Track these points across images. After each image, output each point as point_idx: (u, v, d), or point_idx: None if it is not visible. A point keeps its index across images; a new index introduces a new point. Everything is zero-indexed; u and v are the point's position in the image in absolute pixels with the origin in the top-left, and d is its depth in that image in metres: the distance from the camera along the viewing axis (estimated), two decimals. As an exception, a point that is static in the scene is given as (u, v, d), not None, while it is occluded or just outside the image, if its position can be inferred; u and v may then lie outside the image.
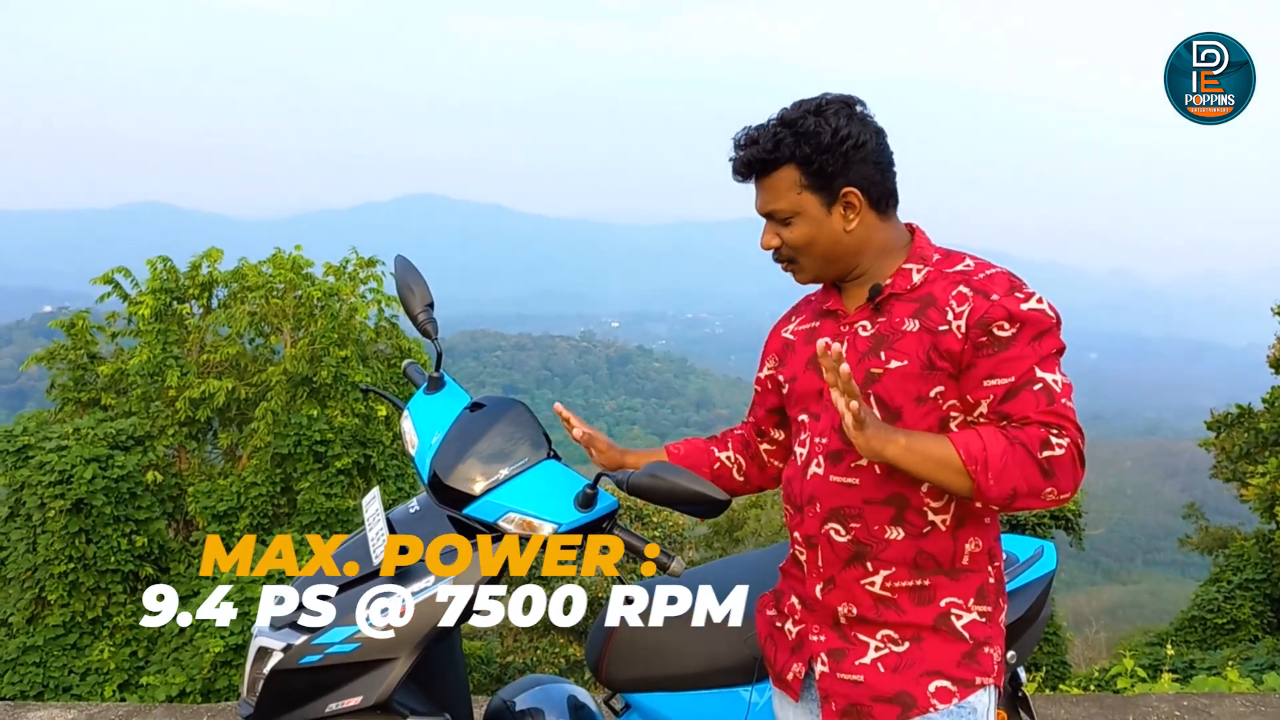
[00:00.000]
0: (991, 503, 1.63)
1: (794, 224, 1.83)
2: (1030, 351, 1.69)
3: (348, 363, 12.53)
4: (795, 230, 1.84)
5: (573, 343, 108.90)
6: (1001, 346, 1.69)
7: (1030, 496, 1.63)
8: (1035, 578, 2.40)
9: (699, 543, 19.75)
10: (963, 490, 1.63)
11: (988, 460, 1.59)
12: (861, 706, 1.81)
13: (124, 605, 11.25)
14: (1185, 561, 33.71)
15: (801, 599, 1.92)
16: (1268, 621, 14.99)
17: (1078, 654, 17.44)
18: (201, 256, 13.55)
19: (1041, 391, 1.67)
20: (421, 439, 2.14)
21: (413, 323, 2.24)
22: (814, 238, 1.83)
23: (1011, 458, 1.60)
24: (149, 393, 12.72)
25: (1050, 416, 1.66)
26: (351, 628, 1.91)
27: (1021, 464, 1.61)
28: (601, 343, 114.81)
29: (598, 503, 2.01)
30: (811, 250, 1.85)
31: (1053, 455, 1.63)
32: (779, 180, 1.83)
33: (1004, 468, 1.59)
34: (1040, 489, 1.62)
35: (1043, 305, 1.72)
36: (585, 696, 2.40)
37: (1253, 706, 4.39)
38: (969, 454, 1.60)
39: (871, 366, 1.80)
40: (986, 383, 1.70)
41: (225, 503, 11.93)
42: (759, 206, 1.88)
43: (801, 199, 1.82)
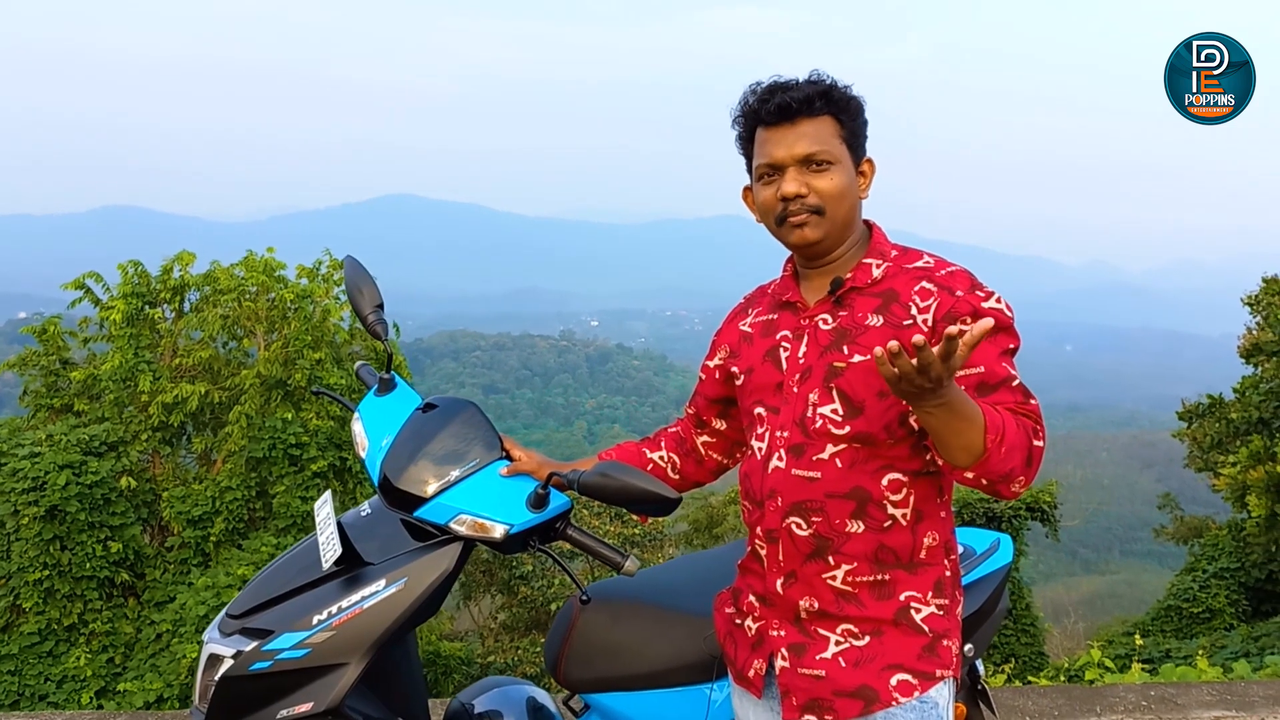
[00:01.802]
0: (986, 475, 1.62)
1: (831, 172, 1.81)
2: (991, 345, 1.72)
3: (322, 365, 12.46)
4: (832, 179, 1.81)
5: (552, 342, 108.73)
6: None
7: (1008, 480, 1.64)
8: (991, 570, 2.41)
9: (679, 540, 19.76)
10: (970, 455, 1.60)
11: (1005, 433, 1.59)
12: (823, 701, 1.82)
13: (100, 612, 11.16)
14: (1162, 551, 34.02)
15: (761, 595, 1.92)
16: (1242, 610, 15.14)
17: (1055, 644, 17.55)
18: (173, 260, 13.43)
19: (1018, 389, 1.71)
20: (371, 441, 2.13)
21: (362, 324, 2.23)
22: (846, 189, 1.82)
23: (1017, 439, 1.62)
24: (122, 398, 12.61)
25: (1028, 413, 1.69)
26: (302, 633, 1.90)
27: (1022, 447, 1.63)
28: (581, 341, 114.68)
29: (550, 503, 2.01)
30: (841, 203, 1.82)
31: (1037, 447, 1.67)
32: (821, 125, 1.81)
33: (1013, 445, 1.61)
34: (1019, 475, 1.64)
35: (1001, 304, 1.76)
36: (545, 698, 2.40)
37: (1219, 695, 4.42)
38: (992, 421, 1.58)
39: (834, 360, 1.80)
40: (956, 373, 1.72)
41: (200, 507, 11.83)
42: (790, 151, 1.81)
43: (841, 149, 1.82)
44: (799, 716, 1.84)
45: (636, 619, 2.22)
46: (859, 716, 1.80)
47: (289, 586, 1.99)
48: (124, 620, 11.32)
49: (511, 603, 16.52)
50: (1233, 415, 14.15)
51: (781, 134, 1.82)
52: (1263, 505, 11.98)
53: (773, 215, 1.86)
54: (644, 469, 2.15)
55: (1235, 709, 4.25)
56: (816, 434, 1.80)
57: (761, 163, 1.86)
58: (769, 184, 1.85)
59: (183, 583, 11.46)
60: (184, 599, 10.90)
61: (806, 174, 1.81)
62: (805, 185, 1.80)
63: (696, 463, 2.22)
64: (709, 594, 2.14)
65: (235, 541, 11.93)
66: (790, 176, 1.81)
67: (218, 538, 11.78)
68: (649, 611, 2.23)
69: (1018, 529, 15.20)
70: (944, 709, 1.83)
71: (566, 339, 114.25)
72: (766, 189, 1.86)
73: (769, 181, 1.85)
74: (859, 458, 1.78)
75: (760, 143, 1.86)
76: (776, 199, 1.84)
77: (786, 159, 1.81)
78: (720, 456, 2.21)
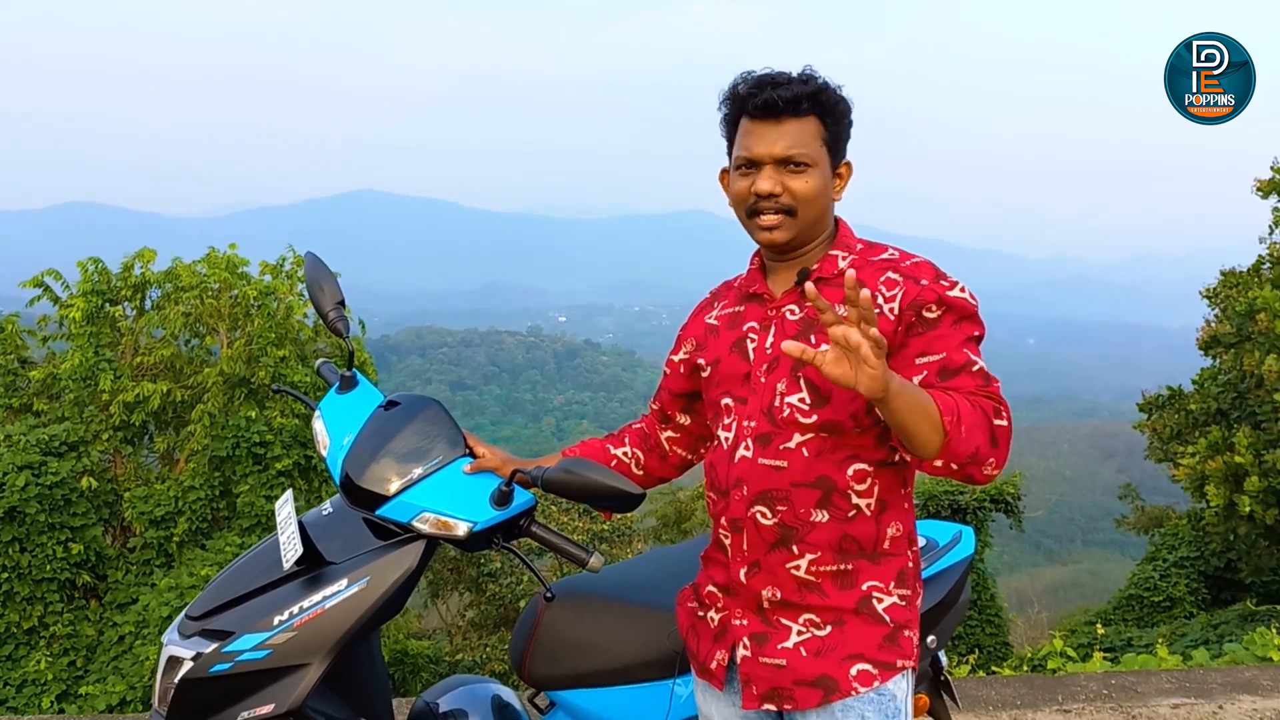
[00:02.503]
0: (953, 459, 1.64)
1: (807, 175, 1.82)
2: (955, 332, 1.75)
3: (286, 363, 12.33)
4: (809, 181, 1.82)
5: (520, 338, 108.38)
6: (930, 326, 1.75)
7: (978, 463, 1.66)
8: (954, 562, 2.43)
9: (648, 534, 19.76)
10: (932, 443, 1.62)
11: (960, 415, 1.62)
12: (783, 690, 1.83)
13: (61, 614, 11.00)
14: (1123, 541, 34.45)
15: (724, 584, 1.92)
16: (1202, 598, 15.35)
17: (1020, 634, 17.74)
18: (134, 257, 13.23)
19: (979, 373, 1.73)
20: (333, 439, 2.11)
21: (323, 321, 2.21)
22: (820, 193, 1.84)
23: (975, 419, 1.64)
24: (82, 397, 12.43)
25: (989, 395, 1.72)
26: (263, 634, 1.88)
27: (981, 426, 1.65)
28: (549, 337, 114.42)
29: (514, 500, 2.00)
30: (815, 205, 1.83)
31: (1000, 425, 1.68)
32: (805, 127, 1.82)
33: (971, 425, 1.63)
34: (986, 456, 1.66)
35: (965, 293, 1.78)
36: (510, 695, 2.39)
37: (1178, 683, 4.49)
38: (945, 406, 1.61)
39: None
40: (919, 360, 1.74)
41: (163, 507, 11.67)
42: (770, 148, 1.82)
43: (820, 152, 1.84)
44: (758, 705, 1.85)
45: (601, 615, 2.22)
46: (818, 706, 1.81)
47: (250, 587, 1.97)
48: (85, 622, 11.16)
49: (480, 600, 16.46)
50: (1192, 406, 14.34)
51: (764, 130, 1.83)
52: (1221, 495, 12.15)
53: (744, 207, 1.88)
54: (608, 465, 2.15)
55: (1194, 696, 4.32)
56: (784, 423, 1.81)
57: (740, 155, 1.87)
58: (745, 176, 1.87)
59: (145, 584, 11.31)
60: (147, 600, 10.77)
61: (783, 174, 1.82)
62: (780, 185, 1.82)
63: (661, 458, 2.22)
64: (674, 589, 2.14)
65: (199, 542, 11.79)
66: (766, 174, 1.83)
67: (181, 538, 11.64)
68: (614, 607, 2.23)
69: (982, 520, 15.33)
70: (903, 700, 1.84)
71: (534, 335, 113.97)
72: (742, 181, 1.87)
73: (745, 174, 1.87)
74: (826, 447, 1.80)
75: (743, 133, 1.87)
76: (750, 193, 1.85)
77: (765, 156, 1.82)
78: (685, 452, 2.21)
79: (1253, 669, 4.78)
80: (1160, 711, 4.14)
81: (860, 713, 1.80)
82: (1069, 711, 4.15)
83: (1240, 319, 12.93)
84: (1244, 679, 4.56)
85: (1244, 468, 11.90)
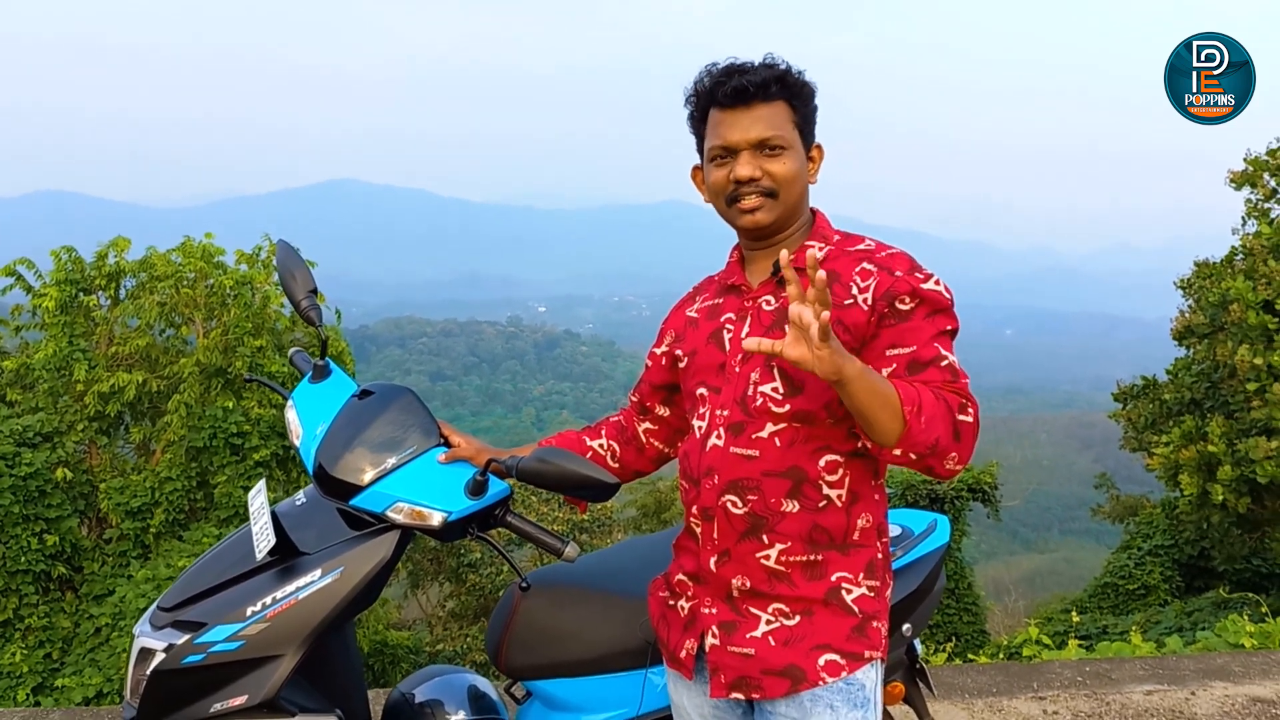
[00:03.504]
0: (913, 449, 1.64)
1: (784, 157, 1.83)
2: (928, 325, 1.75)
3: (263, 352, 12.23)
4: (785, 163, 1.83)
5: (500, 328, 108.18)
6: (902, 319, 1.74)
7: (939, 455, 1.66)
8: (929, 550, 2.44)
9: (628, 525, 19.81)
10: (891, 431, 1.63)
11: (921, 405, 1.62)
12: (751, 679, 1.83)
13: (36, 606, 10.92)
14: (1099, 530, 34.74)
15: (693, 573, 1.92)
16: (1176, 586, 15.53)
17: (997, 622, 17.88)
18: (108, 246, 13.09)
19: (947, 368, 1.72)
20: (306, 429, 2.10)
21: (296, 309, 2.20)
22: (798, 174, 1.85)
23: (938, 410, 1.64)
24: (56, 387, 12.31)
25: (956, 390, 1.72)
26: (235, 625, 1.87)
27: (944, 419, 1.65)
28: (529, 327, 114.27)
29: (489, 490, 1.99)
30: (793, 187, 1.85)
31: (964, 421, 1.69)
32: (776, 111, 1.84)
33: (933, 417, 1.63)
34: (948, 450, 1.66)
35: (939, 286, 1.78)
36: (486, 685, 2.39)
37: (1151, 670, 4.54)
38: (906, 395, 1.62)
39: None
40: (889, 352, 1.74)
41: (139, 499, 11.59)
42: (745, 135, 1.83)
43: (794, 134, 1.85)
44: (726, 694, 1.85)
45: (577, 605, 2.22)
46: (786, 695, 1.81)
47: (222, 578, 1.96)
48: (61, 615, 11.08)
49: (460, 590, 16.46)
50: (1166, 396, 14.44)
51: (736, 117, 1.84)
52: (1194, 484, 12.25)
53: (723, 196, 1.88)
54: (584, 454, 2.16)
55: (1167, 683, 4.36)
56: (757, 412, 1.81)
57: (715, 144, 1.87)
58: (721, 165, 1.87)
59: (122, 575, 11.23)
60: (123, 592, 10.69)
61: (760, 158, 1.83)
62: (759, 169, 1.83)
63: (637, 450, 2.22)
64: (650, 578, 2.14)
65: (176, 533, 11.71)
66: (744, 160, 1.83)
67: (157, 529, 11.56)
68: (589, 597, 2.23)
69: (960, 510, 15.45)
70: (871, 690, 1.84)
71: (514, 325, 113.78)
72: (719, 170, 1.87)
73: (722, 163, 1.87)
74: (798, 437, 1.79)
75: (714, 124, 1.88)
76: (729, 181, 1.86)
77: (741, 142, 1.83)
78: (661, 444, 2.21)
79: (1224, 655, 4.83)
80: (1134, 698, 4.18)
81: (829, 702, 1.80)
82: (1044, 698, 4.18)
83: (1213, 309, 13.03)
84: (1216, 665, 4.61)
85: (1217, 457, 12.01)
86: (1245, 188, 13.87)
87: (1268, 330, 11.82)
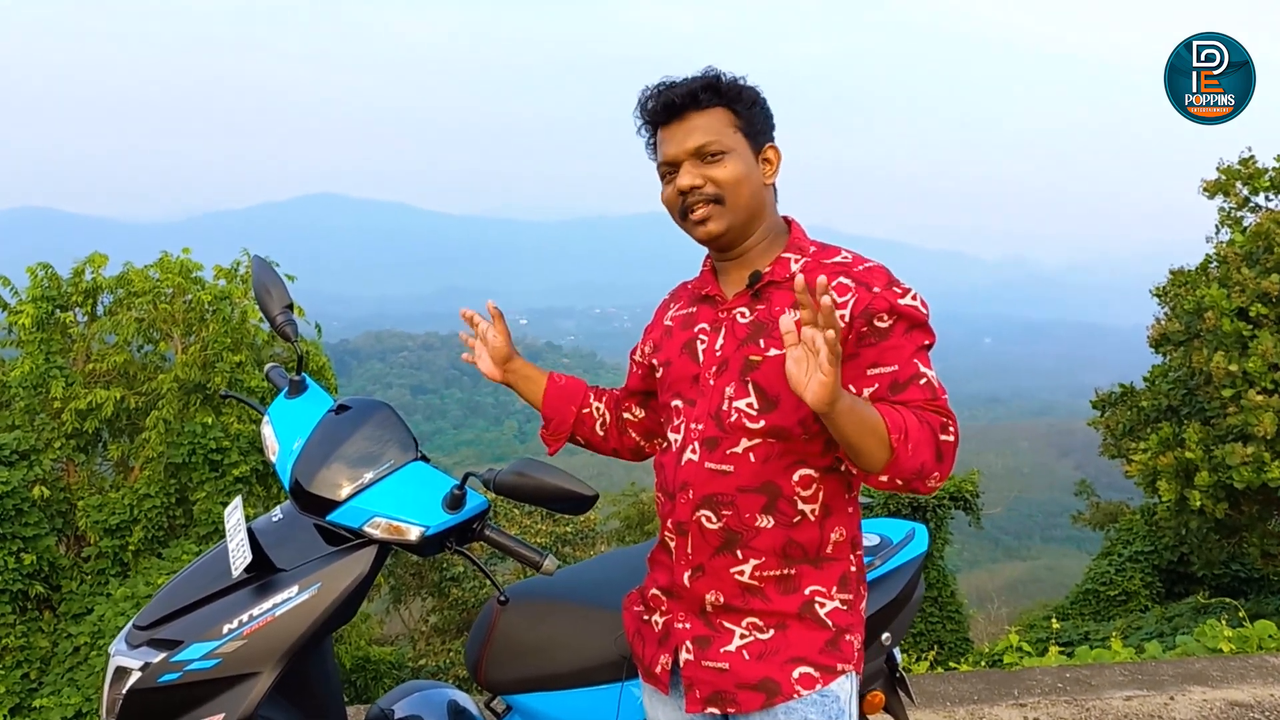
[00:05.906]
0: (899, 474, 1.64)
1: (726, 161, 1.82)
2: (906, 342, 1.73)
3: (242, 368, 12.18)
4: (727, 167, 1.82)
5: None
6: (881, 337, 1.73)
7: (922, 477, 1.66)
8: (907, 560, 2.44)
9: (611, 536, 19.76)
10: (879, 460, 1.62)
11: (907, 432, 1.61)
12: (725, 693, 1.82)
13: (13, 626, 10.79)
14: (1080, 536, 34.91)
15: (667, 587, 1.92)
16: (1156, 592, 15.61)
17: (980, 630, 17.94)
18: (85, 262, 13.03)
19: (926, 385, 1.72)
20: (282, 445, 2.09)
21: (271, 325, 2.19)
22: (744, 177, 1.83)
23: (923, 435, 1.64)
24: (33, 405, 12.21)
25: (938, 409, 1.71)
26: (211, 643, 1.86)
27: (928, 442, 1.65)
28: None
29: (467, 503, 1.99)
30: (740, 190, 1.83)
31: (946, 440, 1.68)
32: (712, 117, 1.83)
33: (919, 442, 1.62)
34: (931, 471, 1.66)
35: (916, 301, 1.76)
36: (466, 700, 2.38)
37: (1131, 675, 4.56)
38: (893, 423, 1.60)
39: (750, 354, 1.81)
40: (870, 371, 1.73)
41: (118, 516, 11.50)
42: (682, 146, 1.83)
43: (735, 138, 1.84)
44: (702, 709, 1.85)
45: (556, 618, 2.22)
46: (761, 709, 1.81)
47: (198, 595, 1.94)
48: (39, 634, 10.96)
49: (442, 605, 16.37)
50: (1143, 403, 14.54)
51: (672, 131, 1.85)
52: (1172, 490, 12.33)
53: (676, 210, 1.89)
54: (580, 409, 2.20)
55: (1146, 688, 4.39)
56: (731, 427, 1.80)
57: (660, 162, 1.89)
58: (669, 182, 1.88)
59: (101, 594, 11.13)
60: (102, 610, 10.60)
61: (701, 166, 1.83)
62: (701, 176, 1.82)
63: (620, 432, 2.23)
64: (628, 590, 2.14)
65: (155, 550, 11.62)
66: (685, 170, 1.84)
67: (136, 547, 11.46)
68: (568, 610, 2.22)
69: (941, 518, 15.49)
70: (845, 702, 1.84)
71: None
72: (668, 187, 1.89)
73: (669, 180, 1.88)
74: (772, 453, 1.79)
75: (658, 143, 1.89)
76: (677, 194, 1.86)
77: (679, 154, 1.84)
78: (639, 437, 2.22)
79: (1203, 660, 4.87)
80: (1113, 704, 4.21)
81: (804, 715, 1.80)
82: (1025, 705, 4.20)
83: (1189, 317, 13.15)
84: (1194, 670, 4.64)
85: (1194, 463, 12.10)
86: (1219, 196, 14.01)
87: (1242, 337, 11.93)
